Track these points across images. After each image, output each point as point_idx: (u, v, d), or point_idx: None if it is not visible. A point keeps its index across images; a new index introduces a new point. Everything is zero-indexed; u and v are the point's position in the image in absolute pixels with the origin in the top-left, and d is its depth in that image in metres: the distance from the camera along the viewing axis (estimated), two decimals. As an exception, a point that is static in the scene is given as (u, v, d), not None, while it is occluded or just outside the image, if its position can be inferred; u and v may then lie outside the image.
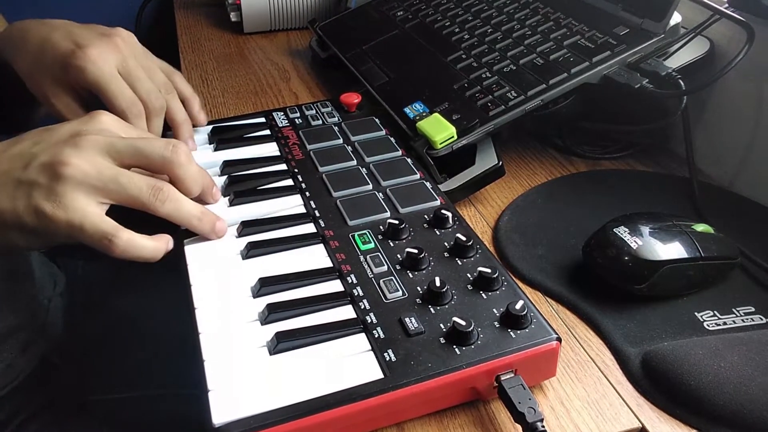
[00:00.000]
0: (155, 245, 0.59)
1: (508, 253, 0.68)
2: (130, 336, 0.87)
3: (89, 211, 0.56)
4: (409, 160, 0.74)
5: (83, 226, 0.56)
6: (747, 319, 0.60)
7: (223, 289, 0.58)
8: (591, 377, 0.57)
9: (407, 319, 0.54)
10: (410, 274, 0.59)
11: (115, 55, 0.70)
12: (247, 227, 0.64)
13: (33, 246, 0.61)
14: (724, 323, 0.60)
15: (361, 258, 0.61)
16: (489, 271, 0.57)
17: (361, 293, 0.57)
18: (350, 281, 0.58)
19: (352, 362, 0.51)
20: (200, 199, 0.65)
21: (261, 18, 1.19)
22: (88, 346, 0.86)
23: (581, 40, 0.80)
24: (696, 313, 0.61)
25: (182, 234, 0.63)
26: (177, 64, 1.10)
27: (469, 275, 0.58)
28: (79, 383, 0.82)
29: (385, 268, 0.60)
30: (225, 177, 0.72)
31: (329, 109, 0.85)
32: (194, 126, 0.79)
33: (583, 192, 0.78)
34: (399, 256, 0.61)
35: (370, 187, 0.70)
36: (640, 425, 0.53)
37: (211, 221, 0.63)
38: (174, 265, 0.61)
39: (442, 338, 0.53)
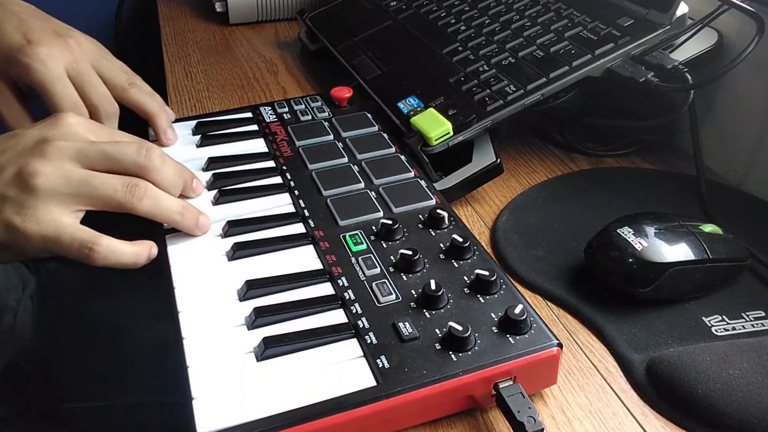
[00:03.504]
0: (136, 250, 0.59)
1: (507, 255, 0.68)
2: (108, 341, 0.87)
3: (63, 222, 0.56)
4: (402, 157, 0.74)
5: (59, 237, 0.56)
6: (757, 324, 0.60)
7: (207, 292, 0.58)
8: (593, 385, 0.57)
9: (401, 324, 0.54)
10: (404, 277, 0.59)
11: (65, 56, 0.70)
12: (233, 227, 0.64)
13: (5, 260, 0.60)
14: (733, 328, 0.60)
15: (353, 260, 0.61)
16: (487, 273, 0.57)
17: (352, 297, 0.57)
18: (341, 284, 0.58)
19: (343, 369, 0.51)
20: (181, 195, 0.65)
21: (247, 8, 1.19)
22: (62, 351, 0.86)
23: (583, 31, 0.80)
24: (703, 318, 0.61)
25: (164, 234, 0.63)
26: (159, 56, 1.10)
27: (465, 278, 0.58)
28: (53, 390, 0.81)
29: (378, 270, 0.59)
30: (210, 174, 0.71)
31: (319, 103, 0.85)
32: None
33: (585, 191, 0.78)
34: (392, 257, 0.61)
35: (362, 185, 0.70)
36: (645, 435, 0.53)
37: (194, 216, 0.63)
38: (155, 266, 0.61)
39: (437, 344, 0.52)
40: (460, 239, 0.61)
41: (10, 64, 0.69)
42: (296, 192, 0.69)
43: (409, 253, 0.59)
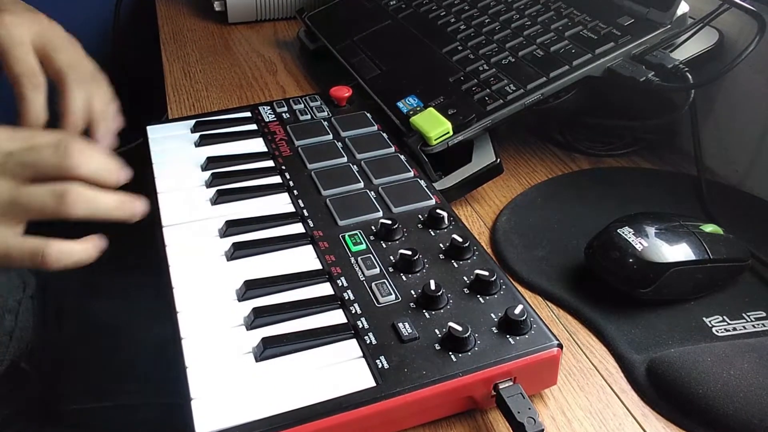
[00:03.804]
0: (85, 246, 0.58)
1: (507, 255, 0.68)
2: (107, 341, 0.87)
3: (5, 239, 0.56)
4: (402, 157, 0.74)
5: (8, 254, 0.56)
6: (758, 324, 0.60)
7: (206, 292, 0.58)
8: (594, 386, 0.57)
9: (400, 325, 0.54)
10: (404, 277, 0.59)
11: (32, 26, 0.68)
12: (231, 227, 0.64)
13: None
14: (734, 329, 0.60)
15: (352, 260, 0.61)
16: (486, 273, 0.57)
17: (351, 297, 0.57)
18: (340, 284, 0.58)
19: (342, 369, 0.51)
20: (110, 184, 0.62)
21: (246, 7, 1.19)
22: (62, 352, 0.86)
23: (584, 30, 0.80)
24: (704, 318, 0.61)
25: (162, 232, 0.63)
26: (158, 56, 1.10)
27: (465, 278, 0.58)
28: (52, 391, 0.81)
29: (377, 270, 0.59)
30: (209, 174, 0.71)
31: (318, 103, 0.85)
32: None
33: (585, 191, 0.78)
34: (392, 257, 0.61)
35: (362, 185, 0.70)
36: (646, 436, 0.53)
37: (131, 206, 0.60)
38: (154, 267, 0.61)
39: (437, 344, 0.52)
40: (460, 239, 0.61)
41: None
42: (295, 192, 0.69)
43: (409, 253, 0.59)
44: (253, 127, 0.81)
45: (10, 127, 0.61)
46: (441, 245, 0.62)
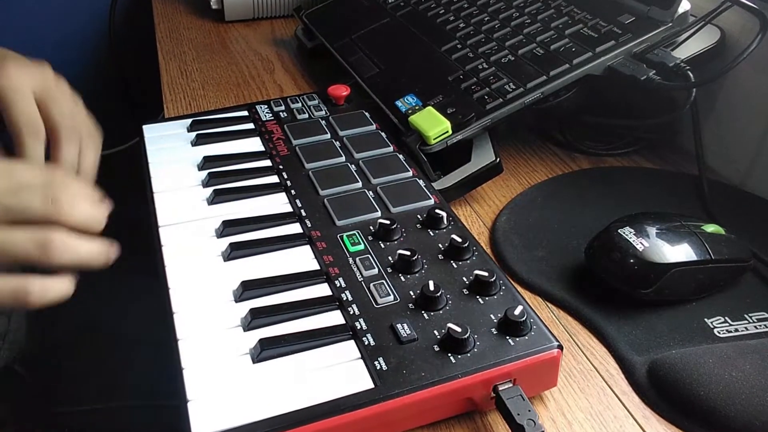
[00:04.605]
0: (64, 282, 0.57)
1: (507, 256, 0.68)
2: (101, 343, 0.87)
3: None
4: (400, 156, 0.74)
5: None
6: (760, 325, 0.60)
7: (203, 292, 0.58)
8: (594, 387, 0.57)
9: (399, 326, 0.54)
10: (402, 278, 0.59)
11: (35, 77, 0.67)
12: (228, 227, 0.64)
13: None
14: (736, 330, 0.60)
15: (350, 260, 0.61)
16: (486, 274, 0.57)
17: (350, 298, 0.57)
18: (338, 285, 0.58)
19: (340, 371, 0.51)
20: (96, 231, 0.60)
21: (243, 5, 1.19)
22: (55, 354, 0.86)
23: (584, 29, 0.80)
24: (706, 319, 0.61)
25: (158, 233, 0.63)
26: (154, 54, 1.10)
27: (464, 279, 0.58)
28: (46, 394, 0.81)
29: (376, 271, 0.59)
30: (205, 173, 0.71)
31: (316, 102, 0.85)
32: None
33: (585, 190, 0.78)
34: (390, 258, 0.61)
35: (360, 185, 0.70)
36: (647, 438, 0.53)
37: (108, 253, 0.59)
38: (150, 267, 0.61)
39: (436, 346, 0.52)
40: (459, 239, 0.61)
41: None
42: (293, 191, 0.69)
43: (408, 253, 0.59)
44: (250, 126, 0.81)
45: None
46: (440, 245, 0.62)
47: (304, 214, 0.66)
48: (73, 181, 0.58)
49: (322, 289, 0.58)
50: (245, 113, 0.83)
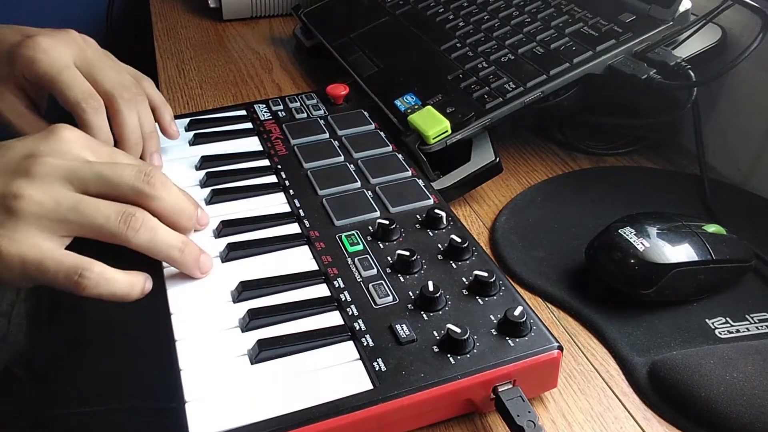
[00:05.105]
0: (131, 280, 0.56)
1: (506, 256, 0.68)
2: (99, 344, 0.87)
3: (47, 247, 0.53)
4: (400, 156, 0.74)
5: (42, 263, 0.52)
6: (762, 326, 0.60)
7: (201, 293, 0.58)
8: (595, 388, 0.57)
9: (398, 326, 0.54)
10: (401, 278, 0.59)
11: (70, 47, 0.67)
12: (226, 227, 0.64)
13: None
14: (737, 330, 0.60)
15: (349, 260, 0.61)
16: (485, 274, 0.57)
17: (348, 298, 0.57)
18: (337, 285, 0.58)
19: (339, 372, 0.51)
20: (183, 226, 0.61)
21: (241, 4, 1.19)
22: (54, 356, 0.85)
23: (584, 27, 0.80)
24: (707, 320, 0.61)
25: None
26: (151, 53, 1.10)
27: (464, 279, 0.58)
28: (44, 396, 0.81)
29: (375, 271, 0.59)
30: (203, 173, 0.71)
31: (314, 101, 0.85)
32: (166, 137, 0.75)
33: (586, 190, 0.78)
34: (389, 258, 0.61)
35: (359, 184, 0.70)
36: (648, 439, 0.53)
37: (195, 254, 0.58)
38: (147, 268, 0.61)
39: (435, 346, 0.52)
40: (459, 240, 0.61)
41: (12, 64, 0.65)
42: (291, 191, 0.69)
43: (407, 253, 0.59)
44: (249, 125, 0.81)
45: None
46: (439, 246, 0.62)
47: (302, 214, 0.66)
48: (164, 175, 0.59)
49: (321, 290, 0.58)
50: (243, 112, 0.83)
